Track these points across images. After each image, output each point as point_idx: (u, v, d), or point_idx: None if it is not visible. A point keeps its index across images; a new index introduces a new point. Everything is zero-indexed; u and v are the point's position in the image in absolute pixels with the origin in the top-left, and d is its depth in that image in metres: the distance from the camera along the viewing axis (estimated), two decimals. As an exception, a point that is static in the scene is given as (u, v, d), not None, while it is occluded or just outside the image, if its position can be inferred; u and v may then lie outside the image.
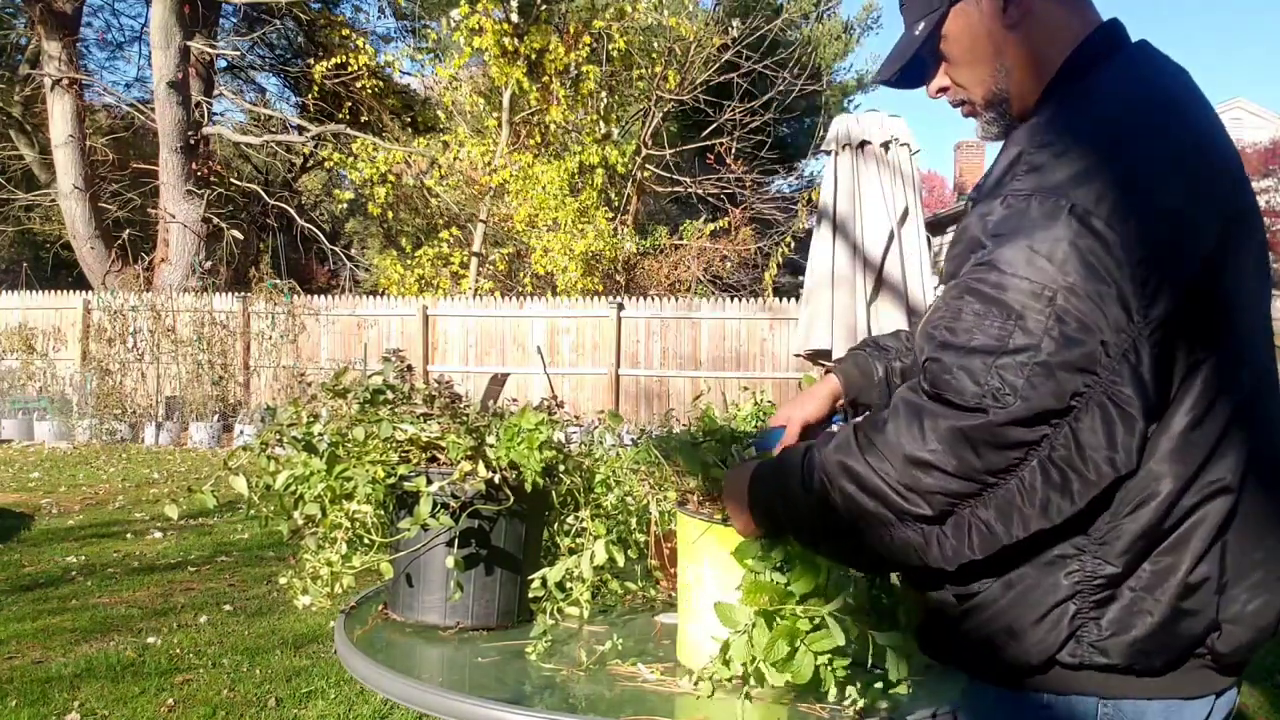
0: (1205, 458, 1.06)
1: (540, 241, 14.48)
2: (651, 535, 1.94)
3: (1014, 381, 0.99)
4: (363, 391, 1.83)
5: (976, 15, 1.20)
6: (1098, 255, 0.99)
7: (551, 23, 15.31)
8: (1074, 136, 1.06)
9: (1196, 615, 1.08)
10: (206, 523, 7.12)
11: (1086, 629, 1.08)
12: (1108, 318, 0.99)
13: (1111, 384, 1.00)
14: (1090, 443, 1.00)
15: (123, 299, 13.83)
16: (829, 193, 5.60)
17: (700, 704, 1.46)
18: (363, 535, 1.71)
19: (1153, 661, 1.08)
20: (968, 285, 1.06)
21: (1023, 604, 1.09)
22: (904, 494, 1.04)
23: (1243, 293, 1.10)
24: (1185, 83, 1.16)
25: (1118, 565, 1.06)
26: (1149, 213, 1.01)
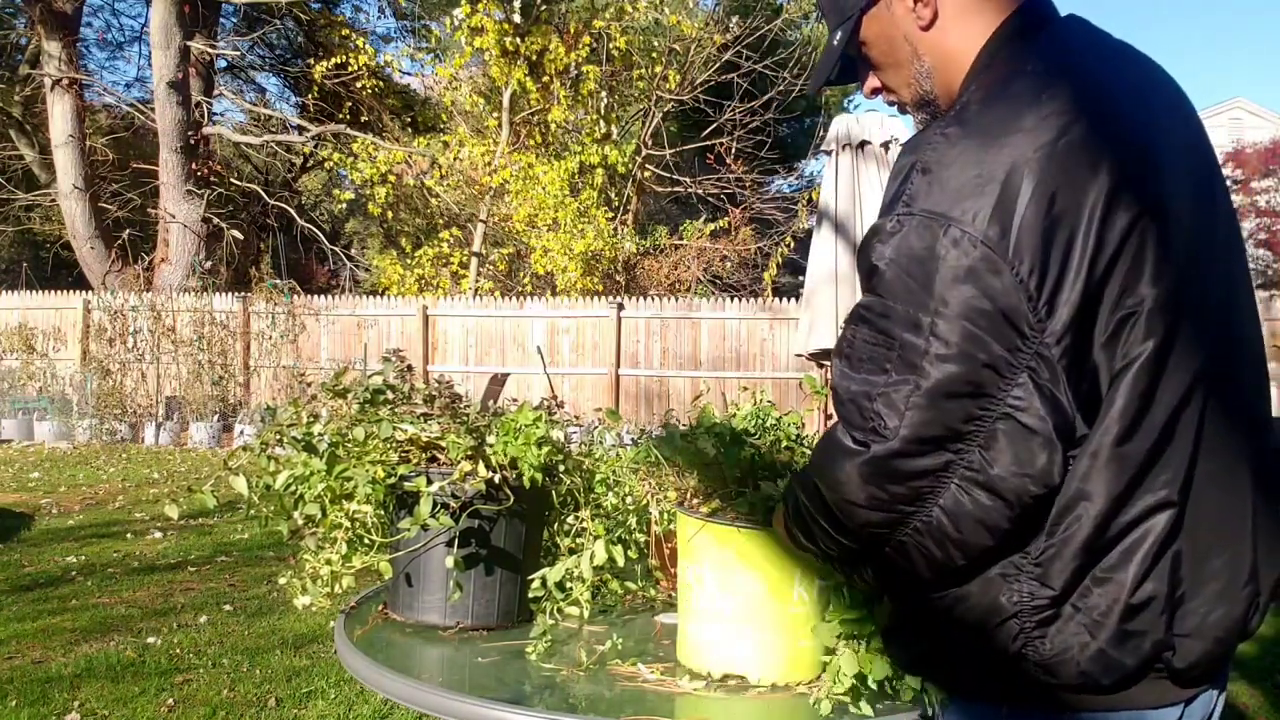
0: (1139, 471, 1.01)
1: (540, 241, 14.48)
2: (651, 535, 1.94)
3: (897, 411, 0.98)
4: (363, 391, 1.83)
5: (889, 19, 1.18)
6: (978, 275, 0.96)
7: (552, 23, 15.31)
8: (956, 150, 1.01)
9: (1143, 635, 1.03)
10: (206, 523, 7.12)
11: (1030, 648, 1.05)
12: (997, 339, 0.96)
13: (1013, 404, 0.97)
14: (1002, 464, 0.98)
15: (123, 299, 13.83)
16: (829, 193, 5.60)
17: (700, 704, 1.46)
18: (363, 535, 1.71)
19: (1100, 680, 1.05)
20: (859, 313, 1.05)
21: (967, 623, 1.08)
22: (844, 533, 1.08)
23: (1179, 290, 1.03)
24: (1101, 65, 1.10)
25: (1056, 586, 1.03)
26: (1030, 225, 0.96)
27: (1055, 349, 0.97)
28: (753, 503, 1.52)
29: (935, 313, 0.97)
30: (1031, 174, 0.97)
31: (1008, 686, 1.09)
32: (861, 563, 1.14)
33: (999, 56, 1.11)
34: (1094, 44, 1.13)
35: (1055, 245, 0.97)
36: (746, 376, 12.61)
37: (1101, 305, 0.99)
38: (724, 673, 1.52)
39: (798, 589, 1.49)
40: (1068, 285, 0.97)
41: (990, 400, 0.97)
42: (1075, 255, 0.97)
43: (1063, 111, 1.01)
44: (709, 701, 1.46)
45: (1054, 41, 1.12)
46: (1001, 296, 0.96)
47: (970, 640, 1.08)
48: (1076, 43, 1.13)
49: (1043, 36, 1.12)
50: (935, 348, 0.97)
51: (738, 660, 1.52)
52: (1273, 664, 4.37)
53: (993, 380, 0.97)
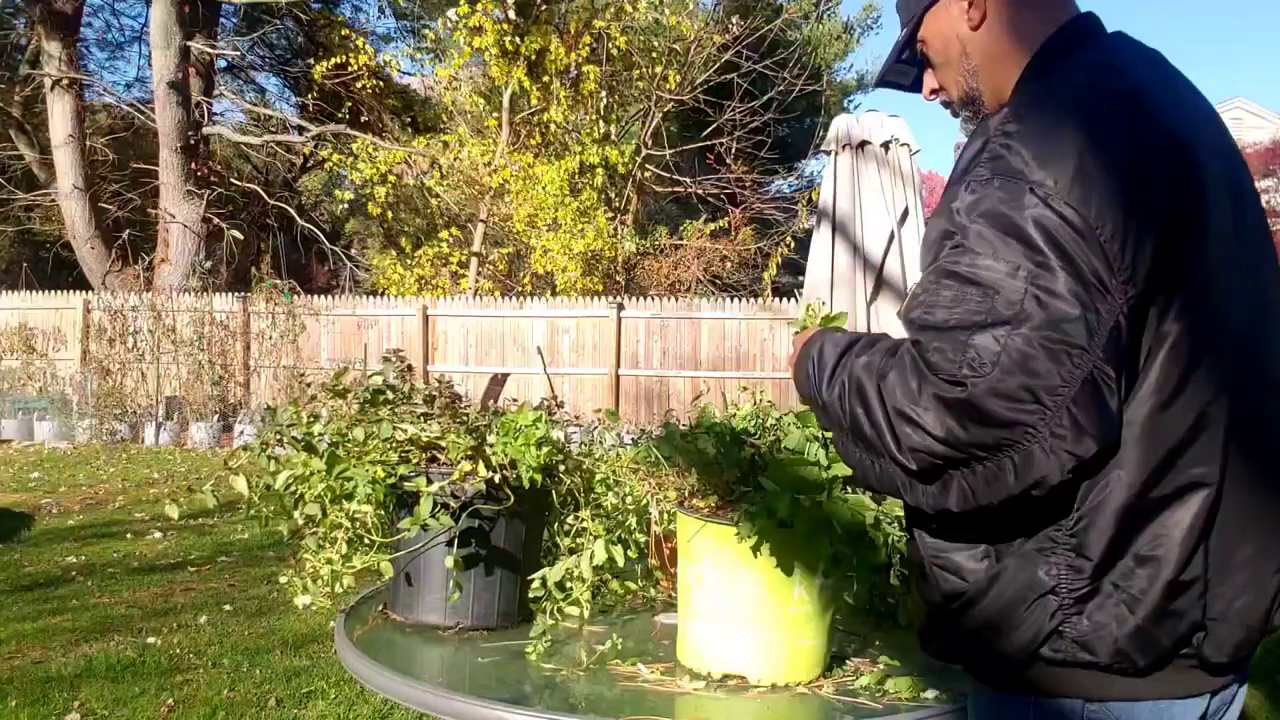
0: (1174, 447, 1.04)
1: (540, 241, 14.47)
2: (651, 535, 1.94)
3: (994, 352, 0.99)
4: (363, 391, 1.83)
5: (945, 18, 1.25)
6: (1065, 234, 1.00)
7: (552, 23, 15.30)
8: (1032, 125, 1.07)
9: (1182, 616, 1.06)
10: (206, 523, 7.12)
11: (1069, 624, 1.07)
12: (1088, 293, 0.99)
13: (1098, 359, 0.99)
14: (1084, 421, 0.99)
15: (123, 299, 13.82)
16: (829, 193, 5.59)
17: (700, 704, 1.46)
18: (363, 535, 1.71)
19: (1135, 661, 1.07)
20: (943, 269, 1.06)
21: (1005, 598, 1.09)
22: (894, 443, 1.05)
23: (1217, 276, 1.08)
24: (1150, 73, 1.17)
25: (1093, 556, 1.05)
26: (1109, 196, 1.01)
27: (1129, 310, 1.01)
28: (753, 502, 1.52)
29: (1033, 266, 0.99)
30: (1103, 151, 1.03)
31: (1038, 673, 1.10)
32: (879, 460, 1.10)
33: (1053, 63, 1.16)
34: (1143, 58, 1.19)
35: (1132, 216, 1.01)
36: (746, 376, 12.60)
37: (1162, 279, 1.03)
38: (724, 673, 1.52)
39: (798, 589, 1.50)
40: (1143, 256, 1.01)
41: (1084, 354, 0.99)
42: (1147, 230, 1.02)
43: (1117, 108, 1.07)
44: (709, 701, 1.46)
45: (1105, 53, 1.18)
46: (1089, 255, 0.99)
47: (1005, 617, 1.09)
48: (1127, 55, 1.18)
49: (1093, 48, 1.18)
50: (1031, 300, 0.98)
51: (738, 660, 1.52)
52: (1273, 664, 4.37)
53: (1085, 334, 0.98)
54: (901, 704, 1.45)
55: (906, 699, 1.46)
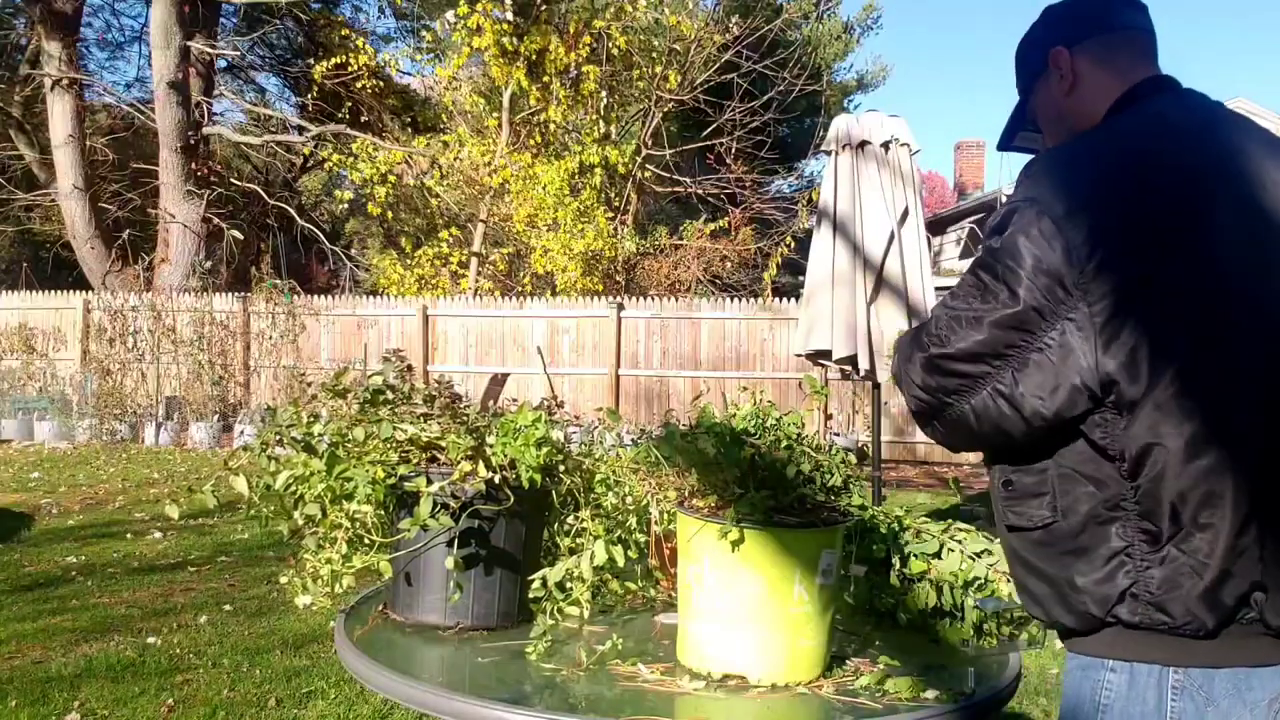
0: (1205, 424, 1.18)
1: (540, 241, 14.47)
2: (651, 535, 1.94)
3: (955, 328, 1.29)
4: (363, 391, 1.83)
5: (1046, 90, 1.49)
6: (1039, 242, 1.23)
7: (551, 23, 15.29)
8: (1050, 165, 1.33)
9: (1240, 576, 1.18)
10: (206, 523, 7.12)
11: (1141, 584, 1.21)
12: (1044, 292, 1.22)
13: (1047, 343, 1.23)
14: (1026, 386, 1.24)
15: (123, 299, 13.82)
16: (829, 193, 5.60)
17: (700, 704, 1.46)
18: (363, 535, 1.71)
19: (1205, 621, 1.18)
20: (973, 263, 1.33)
21: (1081, 558, 1.24)
22: (902, 383, 1.38)
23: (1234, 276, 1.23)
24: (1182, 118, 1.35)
25: (1157, 525, 1.20)
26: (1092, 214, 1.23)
27: (1096, 308, 1.21)
28: (753, 502, 1.52)
29: (1007, 267, 1.25)
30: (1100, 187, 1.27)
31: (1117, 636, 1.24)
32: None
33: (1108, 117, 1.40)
34: (1186, 106, 1.37)
35: (1107, 233, 1.22)
36: (746, 376, 12.60)
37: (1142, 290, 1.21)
38: (724, 673, 1.52)
39: (798, 589, 1.50)
40: (1110, 267, 1.21)
41: (1030, 335, 1.24)
42: (1116, 245, 1.22)
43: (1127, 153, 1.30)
44: (709, 701, 1.46)
45: (1146, 105, 1.37)
46: (1054, 260, 1.22)
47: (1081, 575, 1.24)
48: (1174, 107, 1.37)
49: (1147, 102, 1.37)
50: (1002, 291, 1.25)
51: (738, 660, 1.52)
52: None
53: (1035, 321, 1.23)
54: (901, 704, 1.45)
55: (906, 699, 1.46)
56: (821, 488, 1.67)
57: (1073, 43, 1.44)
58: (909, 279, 5.44)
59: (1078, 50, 1.44)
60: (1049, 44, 1.47)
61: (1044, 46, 1.48)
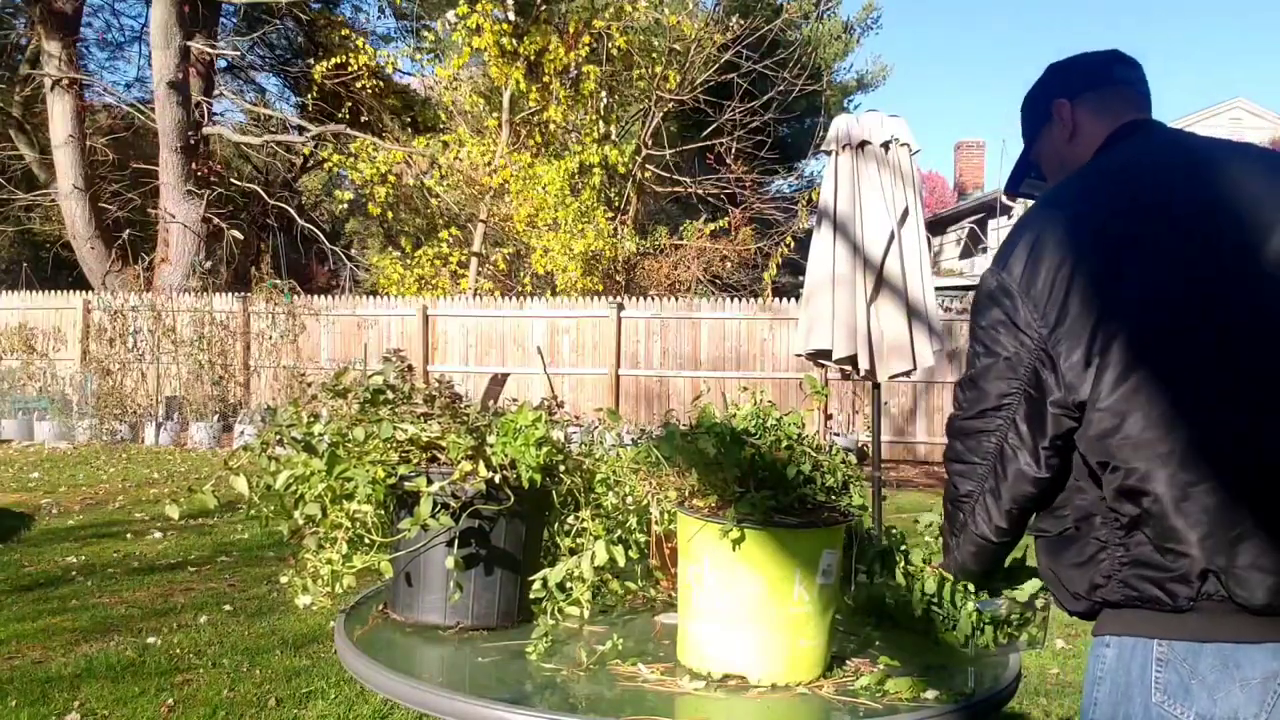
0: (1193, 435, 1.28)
1: (540, 241, 14.47)
2: (651, 535, 1.94)
3: (962, 393, 1.48)
4: (363, 391, 1.83)
5: (1049, 139, 1.64)
6: (999, 299, 1.41)
7: (551, 23, 15.29)
8: (1021, 223, 1.47)
9: (1198, 559, 1.25)
10: (206, 523, 7.12)
11: (1114, 564, 1.33)
12: (1011, 340, 1.39)
13: (1028, 384, 1.38)
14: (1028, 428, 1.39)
15: (123, 299, 13.82)
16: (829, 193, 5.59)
17: (700, 704, 1.46)
18: (363, 535, 1.71)
19: (1175, 596, 1.27)
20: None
21: (1072, 548, 1.39)
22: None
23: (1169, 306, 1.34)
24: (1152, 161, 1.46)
25: (1130, 513, 1.31)
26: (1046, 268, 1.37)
27: (1057, 348, 1.36)
28: (753, 503, 1.52)
29: (979, 326, 1.45)
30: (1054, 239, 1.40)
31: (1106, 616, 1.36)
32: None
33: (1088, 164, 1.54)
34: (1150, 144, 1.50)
35: (1058, 281, 1.37)
36: (746, 376, 12.60)
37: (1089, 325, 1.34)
38: (724, 673, 1.52)
39: (798, 589, 1.50)
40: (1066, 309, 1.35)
41: (1014, 380, 1.40)
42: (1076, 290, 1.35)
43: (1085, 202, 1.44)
44: (709, 701, 1.46)
45: (1107, 160, 1.51)
46: (1013, 312, 1.40)
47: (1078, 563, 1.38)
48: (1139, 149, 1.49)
49: (1103, 155, 1.52)
50: (982, 351, 1.44)
51: (738, 660, 1.52)
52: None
53: (1011, 369, 1.40)
54: (901, 704, 1.45)
55: (906, 699, 1.46)
56: (821, 488, 1.67)
57: (1074, 95, 1.60)
58: (909, 279, 5.44)
59: (1078, 103, 1.59)
60: (1052, 97, 1.62)
61: (1048, 99, 1.62)
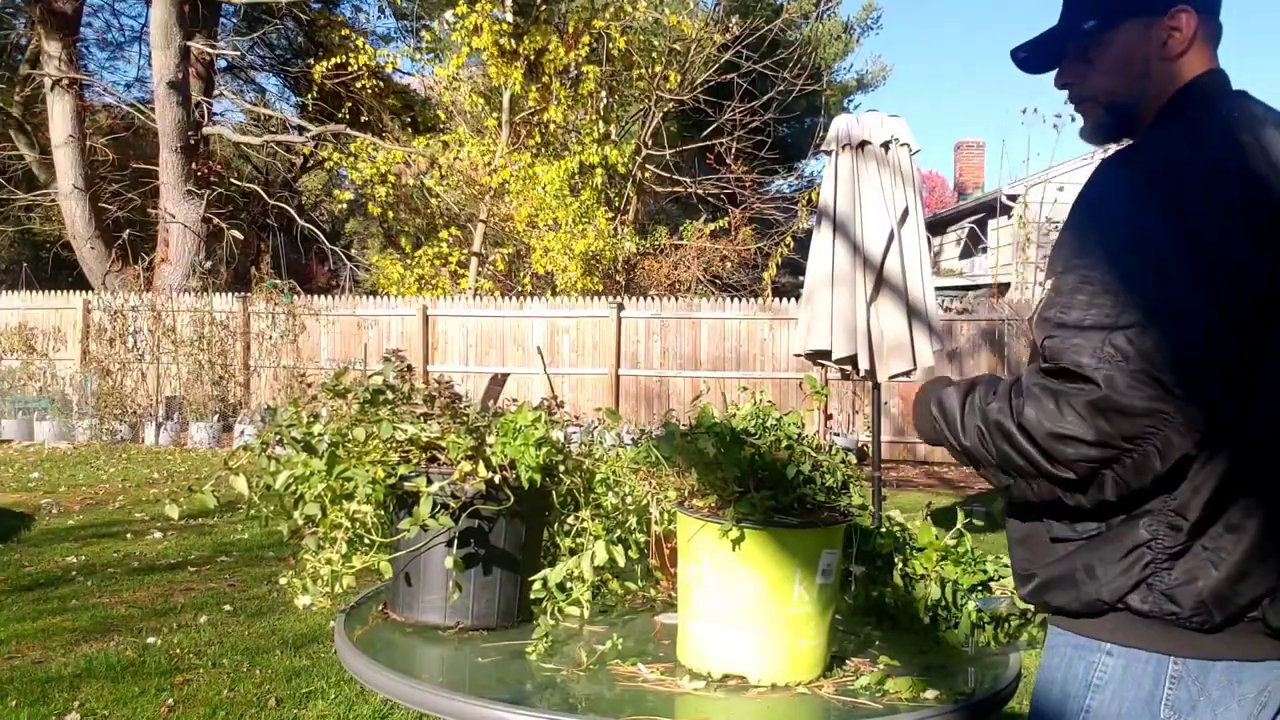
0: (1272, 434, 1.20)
1: (540, 241, 14.47)
2: (651, 535, 1.94)
3: (1126, 350, 1.14)
4: (363, 392, 1.83)
5: (1142, 36, 1.35)
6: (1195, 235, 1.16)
7: (551, 22, 15.29)
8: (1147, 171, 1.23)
9: (1256, 579, 1.20)
10: (206, 523, 7.12)
11: (1158, 576, 1.21)
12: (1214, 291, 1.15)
13: (1223, 350, 1.16)
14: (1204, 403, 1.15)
15: (123, 299, 13.82)
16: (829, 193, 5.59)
17: (700, 704, 1.46)
18: (363, 535, 1.71)
19: (1214, 616, 1.20)
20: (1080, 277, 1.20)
21: (1104, 546, 1.24)
22: (1051, 463, 1.20)
23: None
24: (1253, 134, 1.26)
25: (1191, 519, 1.20)
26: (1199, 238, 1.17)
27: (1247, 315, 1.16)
28: (753, 503, 1.52)
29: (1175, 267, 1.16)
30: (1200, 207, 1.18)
31: (1122, 621, 1.24)
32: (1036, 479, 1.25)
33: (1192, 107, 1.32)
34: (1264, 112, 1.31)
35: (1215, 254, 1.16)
36: (746, 376, 12.60)
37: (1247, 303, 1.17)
38: (724, 673, 1.52)
39: (798, 589, 1.50)
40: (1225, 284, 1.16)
41: (1217, 343, 1.15)
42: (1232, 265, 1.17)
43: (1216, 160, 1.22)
44: (709, 701, 1.46)
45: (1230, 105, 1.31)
46: (1215, 259, 1.16)
47: (1100, 562, 1.24)
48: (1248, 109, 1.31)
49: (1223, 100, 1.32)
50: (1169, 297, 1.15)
51: (738, 660, 1.52)
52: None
53: (1215, 329, 1.15)
54: (901, 704, 1.45)
55: (906, 699, 1.46)
56: (821, 488, 1.67)
57: (1202, 9, 1.35)
58: (909, 279, 5.44)
59: (1204, 18, 1.35)
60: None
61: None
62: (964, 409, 1.31)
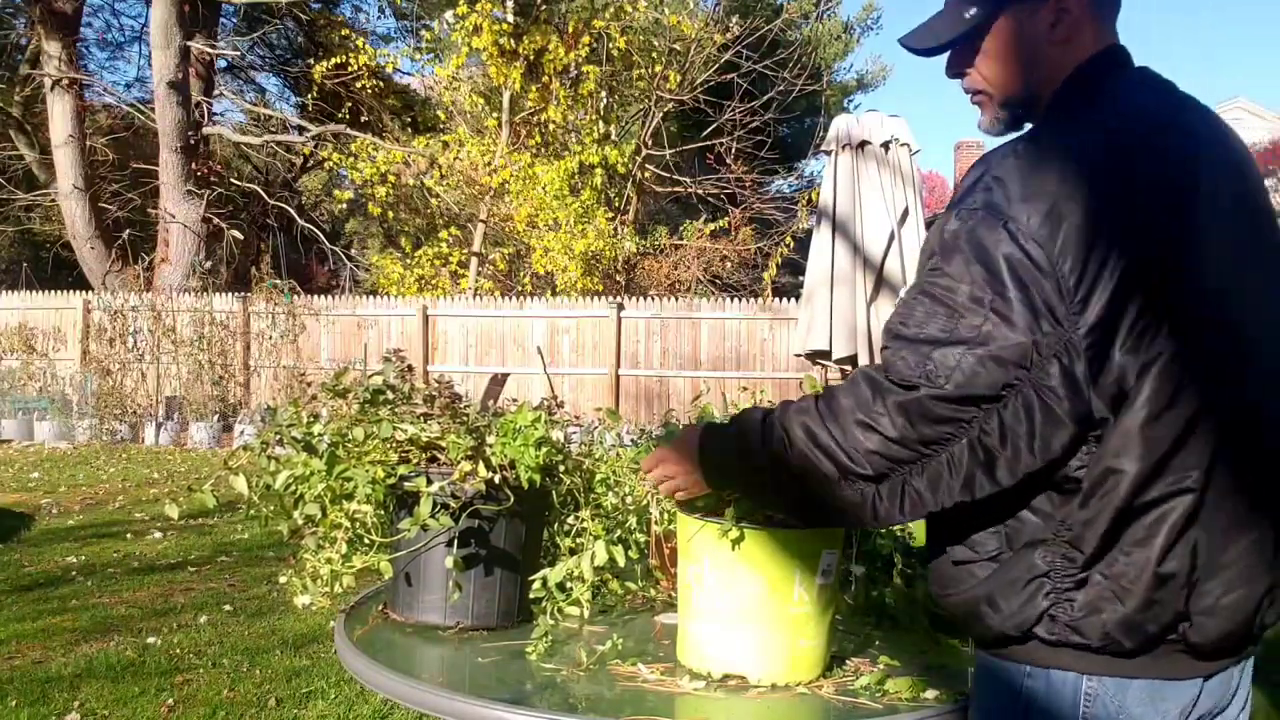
0: (1165, 454, 1.12)
1: (540, 241, 14.48)
2: (651, 535, 1.94)
3: (949, 367, 1.11)
4: (363, 391, 1.83)
5: (1027, 23, 1.27)
6: (1024, 268, 1.10)
7: (551, 23, 15.29)
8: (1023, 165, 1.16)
9: (1164, 605, 1.14)
10: (206, 523, 7.12)
11: (1060, 608, 1.16)
12: (1037, 321, 1.10)
13: (1039, 380, 1.10)
14: (1015, 430, 1.11)
15: (123, 299, 13.82)
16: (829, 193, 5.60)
17: (700, 704, 1.46)
18: (363, 535, 1.71)
19: (1124, 644, 1.15)
20: (922, 287, 1.17)
21: (1002, 579, 1.19)
22: (849, 453, 1.17)
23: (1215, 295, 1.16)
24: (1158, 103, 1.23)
25: (1087, 551, 1.14)
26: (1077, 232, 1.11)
27: (1083, 342, 1.11)
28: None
29: (996, 293, 1.11)
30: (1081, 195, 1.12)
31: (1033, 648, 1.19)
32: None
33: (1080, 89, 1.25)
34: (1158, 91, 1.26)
35: (1095, 253, 1.11)
36: (746, 376, 12.60)
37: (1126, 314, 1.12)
38: (724, 673, 1.52)
39: (798, 589, 1.50)
40: (1100, 289, 1.11)
41: (1025, 373, 1.11)
42: (1109, 265, 1.11)
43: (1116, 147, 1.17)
44: (709, 701, 1.46)
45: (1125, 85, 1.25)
46: (1045, 289, 1.10)
47: (1000, 596, 1.19)
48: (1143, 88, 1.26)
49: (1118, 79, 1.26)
50: (989, 324, 1.11)
51: (738, 660, 1.52)
52: (1274, 664, 4.36)
53: (1033, 357, 1.10)
54: (901, 704, 1.45)
55: (906, 699, 1.46)
56: (821, 488, 1.67)
57: None
58: (909, 279, 5.44)
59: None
60: None
61: None
62: (765, 424, 1.27)
